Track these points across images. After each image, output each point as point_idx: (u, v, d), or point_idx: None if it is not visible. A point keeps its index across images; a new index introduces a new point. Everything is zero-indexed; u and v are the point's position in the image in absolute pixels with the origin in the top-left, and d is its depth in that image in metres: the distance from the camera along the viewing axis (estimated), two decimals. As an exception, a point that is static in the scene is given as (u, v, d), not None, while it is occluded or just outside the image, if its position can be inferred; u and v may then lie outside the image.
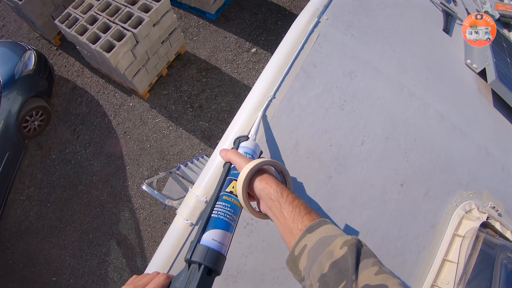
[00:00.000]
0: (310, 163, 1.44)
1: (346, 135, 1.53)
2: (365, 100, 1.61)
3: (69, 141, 5.72)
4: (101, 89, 5.98)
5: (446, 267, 1.65)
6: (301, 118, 1.45)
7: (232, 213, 1.01)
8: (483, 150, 1.96)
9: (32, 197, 5.55)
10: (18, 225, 5.44)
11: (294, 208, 0.94)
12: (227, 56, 5.84)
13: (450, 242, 1.67)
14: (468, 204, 1.77)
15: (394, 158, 1.62)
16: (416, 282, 1.63)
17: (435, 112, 1.83)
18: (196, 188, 1.32)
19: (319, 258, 0.84)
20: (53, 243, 5.29)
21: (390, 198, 1.57)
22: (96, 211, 5.30)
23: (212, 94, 5.59)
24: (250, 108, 1.39)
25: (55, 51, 6.48)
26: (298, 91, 1.47)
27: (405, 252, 1.60)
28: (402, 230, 1.59)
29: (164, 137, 5.44)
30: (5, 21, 7.03)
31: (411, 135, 1.69)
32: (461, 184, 1.79)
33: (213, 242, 0.92)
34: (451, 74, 2.16)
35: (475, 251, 1.60)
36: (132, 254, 5.09)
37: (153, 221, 5.14)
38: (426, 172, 1.69)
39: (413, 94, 1.78)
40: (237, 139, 1.27)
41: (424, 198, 1.66)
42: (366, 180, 1.53)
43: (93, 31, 4.79)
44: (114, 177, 5.39)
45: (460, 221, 1.71)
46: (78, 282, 5.07)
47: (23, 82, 5.17)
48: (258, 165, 1.03)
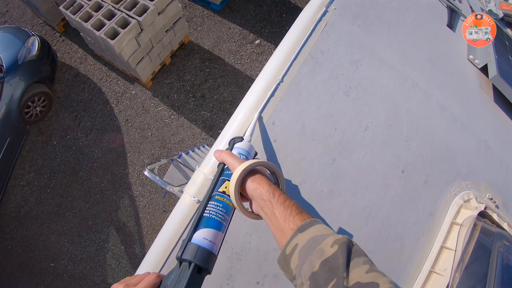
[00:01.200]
0: (315, 146, 1.47)
1: (351, 120, 1.56)
2: (370, 88, 1.64)
3: (70, 127, 5.73)
4: (104, 76, 5.99)
5: (444, 254, 1.69)
6: (308, 102, 1.48)
7: (224, 213, 1.02)
8: (482, 143, 2.00)
9: (32, 183, 5.57)
10: (18, 210, 5.46)
11: (286, 208, 0.96)
12: (231, 47, 5.85)
13: (448, 229, 1.71)
14: (466, 194, 1.81)
15: (396, 145, 1.65)
16: (415, 267, 1.66)
17: (437, 103, 1.86)
18: (204, 167, 1.34)
19: (310, 256, 0.85)
20: (52, 229, 5.31)
21: (391, 184, 1.61)
22: (96, 197, 5.33)
23: (214, 84, 5.60)
24: (259, 90, 1.41)
25: (58, 37, 6.48)
26: (305, 76, 1.49)
27: (404, 237, 1.63)
28: (402, 216, 1.63)
29: (166, 126, 5.46)
30: (8, 7, 7.02)
31: (413, 124, 1.73)
32: (460, 174, 1.83)
33: (204, 241, 0.93)
34: (453, 68, 2.19)
35: (473, 239, 1.64)
36: (131, 241, 5.12)
37: (152, 209, 5.17)
38: (426, 161, 1.72)
39: (416, 85, 1.81)
40: (232, 140, 1.27)
41: (424, 185, 1.70)
42: (368, 164, 1.57)
43: (97, 18, 4.80)
44: (115, 164, 5.41)
45: (458, 210, 1.75)
46: (76, 268, 5.10)
47: (26, 68, 5.19)
48: (251, 166, 1.04)
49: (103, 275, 5.04)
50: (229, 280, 1.38)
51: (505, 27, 3.05)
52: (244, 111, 1.39)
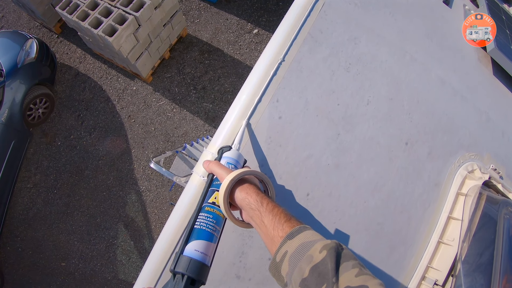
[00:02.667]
0: (319, 121, 1.49)
1: (352, 95, 1.58)
2: (369, 63, 1.66)
3: (73, 127, 5.74)
4: (104, 74, 5.99)
5: (451, 224, 1.71)
6: (310, 79, 1.50)
7: (214, 223, 1.04)
8: (483, 115, 2.01)
9: (38, 184, 5.59)
10: (26, 212, 5.49)
11: (274, 216, 0.97)
12: (229, 37, 5.85)
13: (454, 200, 1.73)
14: (470, 165, 1.83)
15: (398, 118, 1.67)
16: (423, 238, 1.69)
17: (436, 77, 1.88)
18: (212, 146, 1.37)
19: (299, 263, 0.87)
20: (61, 229, 5.35)
21: (395, 156, 1.63)
22: (103, 195, 5.36)
23: (215, 76, 5.60)
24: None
25: (56, 39, 6.47)
26: (306, 54, 1.51)
27: (411, 208, 1.66)
28: (408, 187, 1.65)
29: (169, 120, 5.47)
30: (4, 12, 7.00)
31: (414, 97, 1.75)
32: (463, 145, 1.85)
33: (196, 253, 0.96)
34: (451, 43, 2.20)
35: (479, 208, 1.65)
36: (140, 236, 5.15)
37: (159, 203, 5.20)
38: (429, 133, 1.74)
39: (415, 59, 1.83)
40: (220, 149, 1.28)
41: (427, 157, 1.72)
42: (372, 137, 1.59)
43: (94, 16, 4.80)
44: (120, 160, 5.44)
45: (463, 181, 1.77)
46: (87, 266, 5.14)
47: (26, 71, 5.19)
48: (238, 175, 1.05)
49: (114, 271, 5.08)
50: (241, 257, 1.41)
51: (501, 3, 3.06)
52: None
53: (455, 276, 1.55)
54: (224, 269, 1.40)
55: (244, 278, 1.43)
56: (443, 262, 1.64)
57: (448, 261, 1.62)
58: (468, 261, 1.56)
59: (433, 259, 1.67)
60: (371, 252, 1.59)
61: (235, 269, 1.41)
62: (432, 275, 1.64)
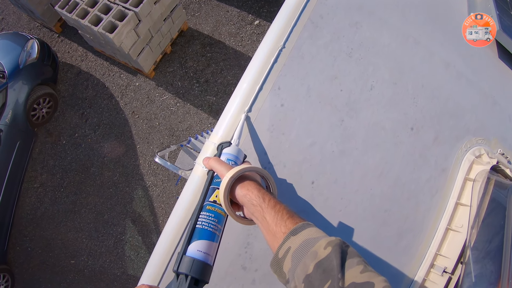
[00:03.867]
0: (322, 107, 1.47)
1: (355, 80, 1.56)
2: (372, 48, 1.63)
3: (78, 125, 5.76)
4: (106, 72, 5.99)
5: (459, 211, 1.69)
6: (311, 65, 1.48)
7: (216, 222, 1.03)
8: (489, 98, 1.99)
9: (45, 184, 5.62)
10: (34, 212, 5.54)
11: (277, 213, 0.96)
12: (230, 29, 5.81)
13: (462, 185, 1.71)
14: (477, 149, 1.81)
15: (403, 103, 1.65)
16: (431, 225, 1.67)
17: (440, 60, 1.85)
18: (213, 136, 1.35)
19: (303, 259, 0.86)
20: (69, 227, 5.38)
21: (401, 141, 1.61)
22: (110, 191, 5.37)
23: (217, 68, 5.58)
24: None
25: (57, 38, 6.47)
26: (307, 40, 1.49)
27: (418, 194, 1.64)
28: (414, 173, 1.63)
29: (172, 114, 5.47)
30: (4, 14, 7.01)
31: (418, 81, 1.72)
32: (470, 130, 1.83)
33: (199, 253, 0.95)
34: (454, 26, 2.17)
35: (487, 193, 1.63)
36: (148, 231, 5.17)
37: (166, 198, 5.21)
38: (435, 117, 1.72)
39: (418, 43, 1.80)
40: (220, 145, 1.27)
41: (434, 142, 1.70)
42: (377, 123, 1.57)
43: (94, 13, 4.81)
44: (125, 156, 5.45)
45: (470, 166, 1.75)
46: (96, 263, 5.18)
47: (28, 71, 5.22)
48: (238, 172, 1.04)
49: (123, 267, 5.11)
50: (247, 248, 1.40)
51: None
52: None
53: (465, 263, 1.54)
54: (230, 260, 1.39)
55: (250, 269, 1.42)
56: (452, 249, 1.62)
57: (457, 248, 1.61)
58: (477, 248, 1.54)
59: (441, 246, 1.66)
60: (379, 239, 1.58)
61: (241, 260, 1.41)
62: (441, 263, 1.62)
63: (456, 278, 1.57)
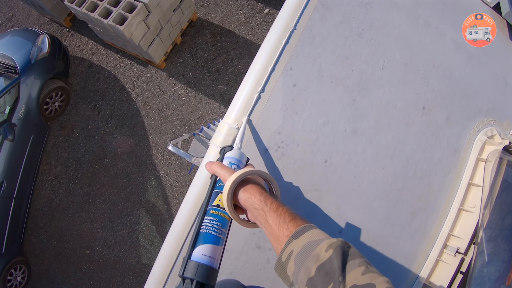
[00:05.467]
0: (334, 87, 1.49)
1: (367, 61, 1.57)
2: (382, 29, 1.64)
3: (90, 117, 5.79)
4: (117, 64, 6.01)
5: (472, 191, 1.69)
6: (323, 46, 1.49)
7: (220, 226, 1.04)
8: (501, 80, 1.98)
9: (59, 176, 5.68)
10: (49, 204, 5.60)
11: (279, 216, 0.97)
12: (240, 18, 5.78)
13: (474, 166, 1.71)
14: (489, 130, 1.80)
15: (414, 83, 1.66)
16: (444, 205, 1.68)
17: (451, 40, 1.85)
18: (227, 117, 1.38)
19: (305, 262, 0.87)
20: (84, 218, 5.44)
21: (413, 121, 1.62)
22: (123, 182, 5.41)
23: (228, 58, 5.56)
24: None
25: (67, 32, 6.49)
26: (317, 22, 1.50)
27: (430, 174, 1.65)
28: (426, 152, 1.64)
29: (184, 104, 5.47)
30: (14, 11, 7.04)
31: (429, 61, 1.72)
32: (482, 110, 1.83)
33: (204, 257, 0.96)
34: (464, 7, 2.16)
35: (499, 174, 1.63)
36: (161, 221, 5.20)
37: (179, 187, 5.23)
38: (446, 97, 1.72)
39: (428, 23, 1.80)
40: (222, 149, 1.29)
41: (446, 122, 1.70)
42: (389, 103, 1.58)
43: (103, 6, 4.81)
44: (138, 147, 5.47)
45: (482, 146, 1.75)
46: (111, 253, 5.23)
47: (39, 66, 5.27)
48: (240, 176, 1.05)
49: (138, 256, 5.15)
50: (259, 230, 1.42)
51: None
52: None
53: (477, 244, 1.54)
54: (245, 239, 1.41)
55: (264, 248, 1.44)
56: (465, 230, 1.63)
57: (469, 228, 1.61)
58: (490, 227, 1.55)
59: (454, 227, 1.67)
60: (392, 218, 1.59)
61: (255, 239, 1.43)
62: (454, 243, 1.63)
63: (469, 259, 1.57)
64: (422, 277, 1.63)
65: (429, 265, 1.63)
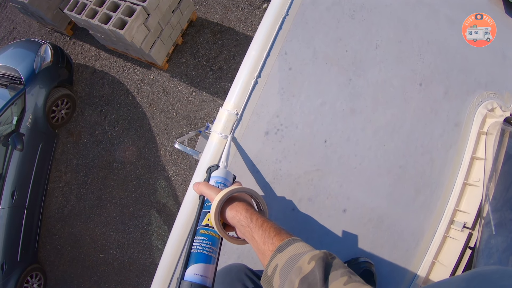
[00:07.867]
0: (329, 68, 1.50)
1: (360, 41, 1.58)
2: (374, 9, 1.64)
3: (97, 123, 5.84)
4: (120, 68, 6.04)
5: (475, 165, 1.70)
6: (316, 30, 1.51)
7: (210, 245, 1.06)
8: (499, 53, 1.98)
9: (70, 182, 5.74)
10: (61, 210, 5.67)
11: (264, 231, 0.99)
12: (239, 15, 5.78)
13: (476, 139, 1.72)
14: (490, 103, 1.81)
15: (410, 60, 1.67)
16: (448, 180, 1.69)
17: (445, 16, 1.85)
18: (227, 104, 1.40)
19: (289, 275, 0.88)
20: (96, 222, 5.50)
21: (410, 97, 1.63)
22: (133, 184, 5.45)
23: (230, 55, 5.57)
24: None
25: (69, 41, 6.55)
26: (309, 6, 1.51)
27: (432, 150, 1.66)
28: (426, 128, 1.65)
29: (189, 103, 5.48)
30: (15, 24, 7.12)
31: (424, 38, 1.73)
32: (480, 84, 1.83)
33: (196, 276, 0.99)
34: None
35: (502, 146, 1.64)
36: (173, 220, 5.07)
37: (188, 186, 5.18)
38: (443, 72, 1.73)
39: (420, 1, 1.81)
40: (208, 169, 1.31)
41: (444, 97, 1.71)
42: (385, 80, 1.59)
43: (103, 12, 4.85)
44: (146, 149, 5.50)
45: (483, 119, 1.75)
46: (125, 255, 5.28)
47: (44, 75, 5.33)
48: (226, 195, 1.07)
49: (151, 256, 5.19)
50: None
51: None
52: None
53: (483, 217, 1.55)
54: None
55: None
56: (471, 204, 1.64)
57: (475, 202, 1.62)
58: (495, 198, 1.55)
59: (460, 202, 1.68)
60: (396, 196, 1.60)
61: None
62: (460, 218, 1.64)
63: (476, 234, 1.58)
64: (430, 256, 1.64)
65: (437, 242, 1.64)
